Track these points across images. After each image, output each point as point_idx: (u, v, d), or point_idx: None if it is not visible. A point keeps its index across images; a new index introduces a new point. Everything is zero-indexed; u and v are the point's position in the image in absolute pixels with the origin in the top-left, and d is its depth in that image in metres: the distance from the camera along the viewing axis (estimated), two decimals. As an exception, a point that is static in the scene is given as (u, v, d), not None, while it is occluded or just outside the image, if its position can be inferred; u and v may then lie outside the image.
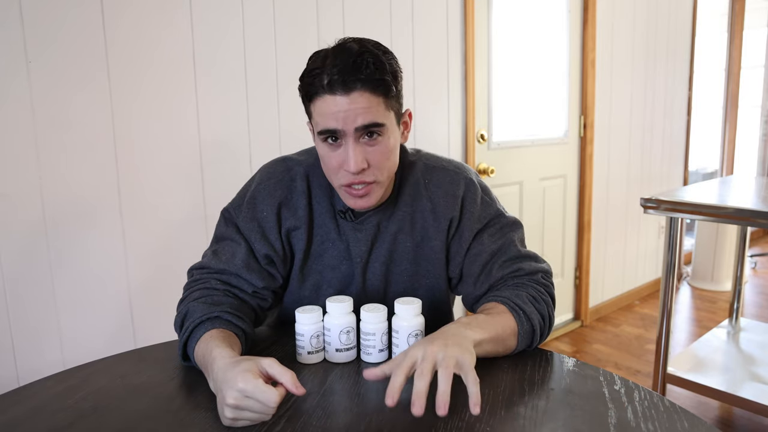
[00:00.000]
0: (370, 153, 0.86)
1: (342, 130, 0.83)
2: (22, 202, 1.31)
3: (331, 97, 0.82)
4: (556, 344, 2.74)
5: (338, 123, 0.83)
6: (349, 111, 0.82)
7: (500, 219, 0.99)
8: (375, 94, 0.83)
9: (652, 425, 0.69)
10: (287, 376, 0.69)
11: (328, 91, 0.82)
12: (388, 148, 0.87)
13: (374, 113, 0.83)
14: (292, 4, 1.70)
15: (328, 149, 0.87)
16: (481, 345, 0.80)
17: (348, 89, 0.81)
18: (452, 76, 2.19)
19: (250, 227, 0.95)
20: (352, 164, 0.84)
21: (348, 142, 0.84)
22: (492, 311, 0.87)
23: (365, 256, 0.98)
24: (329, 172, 0.89)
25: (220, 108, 1.59)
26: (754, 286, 3.58)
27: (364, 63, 0.81)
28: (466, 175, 1.00)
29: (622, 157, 3.08)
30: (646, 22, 3.08)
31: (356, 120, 0.82)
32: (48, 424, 0.72)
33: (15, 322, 1.32)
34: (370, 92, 0.82)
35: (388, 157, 0.88)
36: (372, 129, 0.84)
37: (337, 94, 0.81)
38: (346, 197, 0.90)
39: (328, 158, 0.88)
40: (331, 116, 0.83)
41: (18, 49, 1.27)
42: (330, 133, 0.84)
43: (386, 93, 0.84)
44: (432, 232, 0.98)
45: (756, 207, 1.69)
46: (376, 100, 0.83)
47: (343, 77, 0.81)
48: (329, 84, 0.81)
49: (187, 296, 0.90)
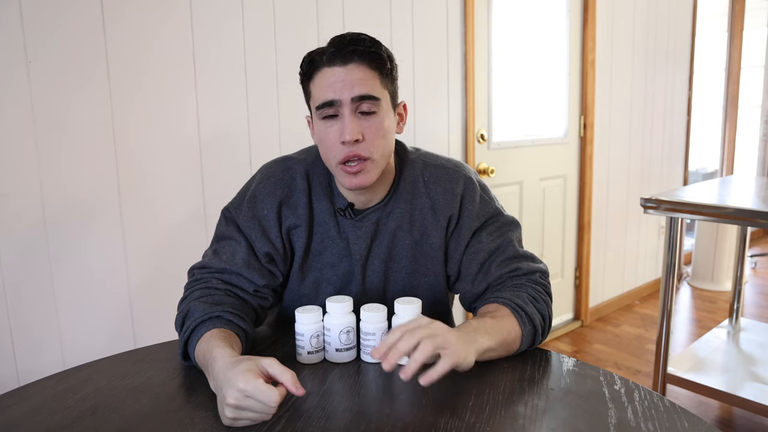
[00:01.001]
0: (365, 127, 0.88)
1: (339, 99, 0.87)
2: (22, 202, 1.31)
3: (329, 69, 0.87)
4: (556, 344, 2.74)
5: (335, 93, 0.87)
6: (345, 81, 0.86)
7: (499, 218, 1.00)
8: (371, 68, 0.88)
9: (652, 425, 0.69)
10: (287, 375, 0.69)
11: (326, 63, 0.87)
12: (383, 126, 0.90)
13: (370, 86, 0.87)
14: (292, 4, 1.70)
15: (325, 125, 0.89)
16: (487, 352, 0.82)
17: (345, 60, 0.87)
18: (452, 76, 2.19)
19: (251, 226, 0.95)
20: (347, 132, 0.86)
21: (344, 113, 0.87)
22: (496, 314, 0.87)
23: (365, 254, 0.98)
24: (327, 151, 0.91)
25: (219, 107, 1.59)
26: (754, 286, 3.58)
27: (361, 39, 0.88)
28: (465, 173, 1.00)
29: (622, 157, 3.08)
30: (646, 22, 3.08)
31: (352, 90, 0.86)
32: (48, 424, 0.72)
33: (15, 322, 1.32)
34: (366, 65, 0.88)
35: (383, 135, 0.90)
36: (368, 102, 0.88)
37: (335, 65, 0.87)
38: (342, 177, 0.91)
39: (325, 135, 0.90)
40: (328, 87, 0.87)
41: (18, 49, 1.27)
42: (328, 105, 0.87)
43: (381, 69, 0.89)
44: (431, 229, 0.98)
45: (756, 207, 1.69)
46: (371, 74, 0.88)
47: (340, 49, 0.87)
48: (328, 58, 0.87)
49: (188, 295, 0.91)
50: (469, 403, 0.75)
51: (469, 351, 0.76)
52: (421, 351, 0.71)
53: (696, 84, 3.57)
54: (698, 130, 3.94)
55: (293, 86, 1.72)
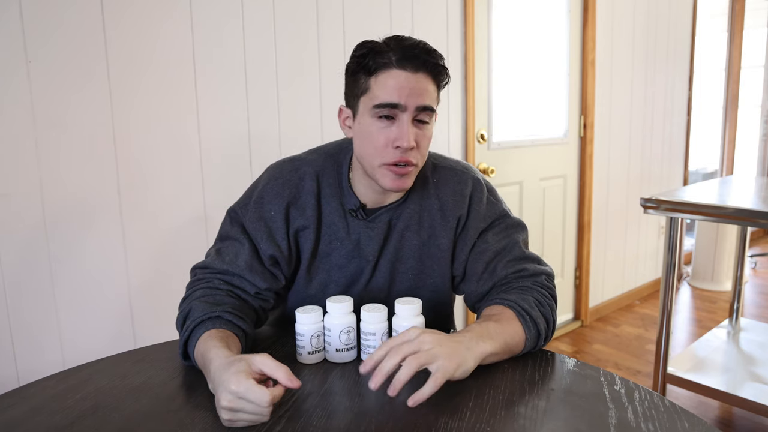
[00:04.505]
0: (419, 136, 0.89)
1: (404, 105, 0.86)
2: (22, 202, 1.31)
3: (400, 71, 0.86)
4: (556, 344, 2.74)
5: (402, 98, 0.86)
6: (414, 89, 0.86)
7: (505, 219, 1.00)
8: (434, 81, 0.88)
9: (653, 425, 0.69)
10: (281, 371, 0.68)
11: (397, 65, 0.86)
12: (431, 136, 0.92)
13: (432, 98, 0.89)
14: (292, 4, 1.70)
15: (378, 125, 0.88)
16: (489, 357, 0.81)
17: (417, 68, 0.86)
18: (452, 75, 2.18)
19: (257, 227, 0.95)
20: (405, 140, 0.86)
21: (404, 119, 0.87)
22: (501, 318, 0.87)
23: (376, 254, 0.98)
24: (373, 150, 0.89)
25: (219, 108, 1.59)
26: (754, 286, 3.58)
27: (433, 50, 0.88)
28: (473, 175, 1.02)
29: (622, 157, 3.08)
30: (646, 22, 3.08)
31: (418, 99, 0.86)
32: (48, 424, 0.72)
33: (15, 322, 1.32)
34: (432, 77, 0.88)
35: (429, 145, 0.93)
36: (427, 113, 0.89)
37: (406, 69, 0.86)
38: (385, 176, 0.90)
39: (377, 134, 0.89)
40: (395, 90, 0.86)
41: (18, 49, 1.27)
42: (390, 107, 0.87)
43: (440, 83, 0.90)
44: (439, 230, 0.99)
45: (756, 207, 1.69)
46: (433, 86, 0.89)
47: (414, 56, 0.86)
48: (400, 59, 0.85)
49: (190, 295, 0.91)
50: (469, 403, 0.75)
51: (462, 361, 0.74)
52: (406, 371, 0.70)
53: (696, 84, 3.57)
54: (698, 130, 3.94)
55: (293, 86, 1.73)
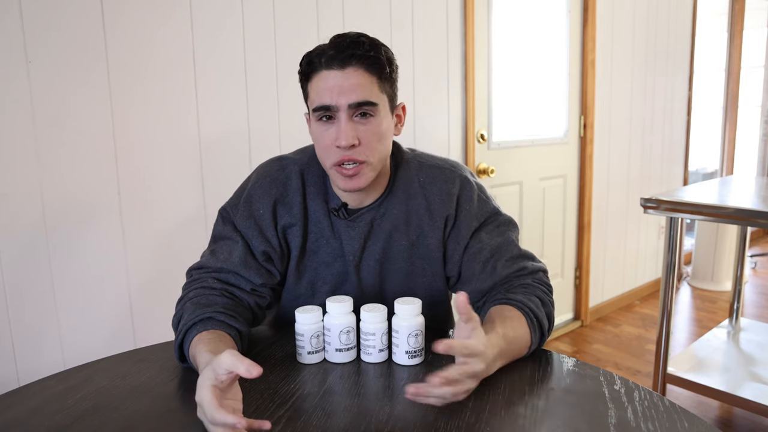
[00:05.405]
0: (361, 131, 0.88)
1: (335, 105, 0.86)
2: (22, 202, 1.31)
3: (327, 72, 0.86)
4: (556, 344, 2.74)
5: (332, 98, 0.85)
6: (343, 86, 0.85)
7: (497, 217, 1.00)
8: (369, 73, 0.86)
9: (652, 425, 0.69)
10: (242, 366, 0.62)
11: (324, 66, 0.86)
12: (380, 129, 0.89)
13: (368, 91, 0.86)
14: (292, 4, 1.70)
15: (321, 127, 0.89)
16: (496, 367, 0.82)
17: (343, 64, 0.85)
18: (452, 76, 2.19)
19: (248, 225, 0.96)
20: (342, 138, 0.86)
21: (341, 117, 0.86)
22: (515, 325, 0.86)
23: (358, 254, 0.98)
24: (322, 152, 0.90)
25: (219, 107, 1.59)
26: (754, 286, 3.58)
27: (360, 42, 0.86)
28: (461, 174, 1.00)
29: (622, 157, 3.08)
30: (646, 22, 3.08)
31: (350, 96, 0.85)
32: (48, 424, 0.72)
33: (15, 322, 1.32)
34: (364, 69, 0.86)
35: (379, 139, 0.89)
36: (365, 108, 0.87)
37: (333, 68, 0.85)
38: (337, 178, 0.91)
39: (321, 137, 0.89)
40: (326, 91, 0.86)
41: (18, 49, 1.27)
42: (324, 109, 0.87)
43: (380, 73, 0.87)
44: (428, 230, 0.98)
45: (756, 207, 1.69)
46: (369, 79, 0.86)
47: (339, 52, 0.85)
48: (326, 60, 0.85)
49: (184, 296, 0.91)
50: (469, 403, 0.75)
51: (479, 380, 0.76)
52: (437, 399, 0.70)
53: (696, 84, 3.57)
54: (698, 130, 3.94)
55: (293, 86, 1.72)
